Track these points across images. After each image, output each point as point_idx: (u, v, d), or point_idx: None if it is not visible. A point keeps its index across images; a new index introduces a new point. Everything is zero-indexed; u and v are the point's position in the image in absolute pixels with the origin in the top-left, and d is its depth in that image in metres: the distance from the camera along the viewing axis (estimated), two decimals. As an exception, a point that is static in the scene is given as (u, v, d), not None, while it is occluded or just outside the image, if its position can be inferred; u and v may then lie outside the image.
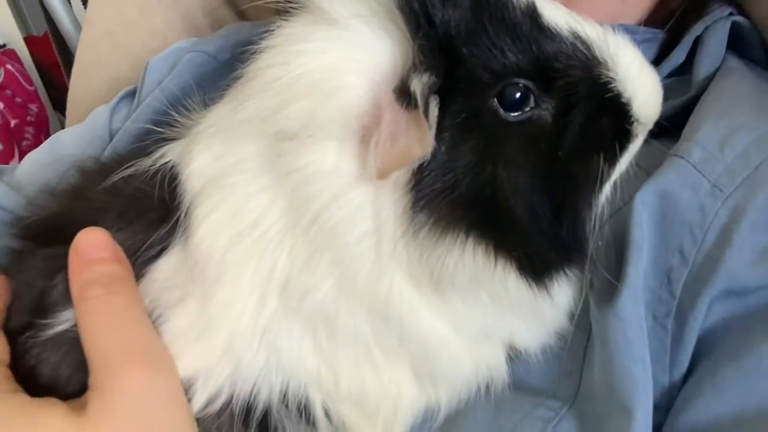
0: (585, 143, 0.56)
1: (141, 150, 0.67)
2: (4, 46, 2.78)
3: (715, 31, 0.77)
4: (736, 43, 0.79)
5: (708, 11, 0.79)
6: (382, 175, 0.52)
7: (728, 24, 0.78)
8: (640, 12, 0.82)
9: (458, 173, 0.53)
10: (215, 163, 0.59)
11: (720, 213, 0.60)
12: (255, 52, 0.58)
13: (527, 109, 0.55)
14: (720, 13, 0.78)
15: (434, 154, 0.53)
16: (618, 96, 0.56)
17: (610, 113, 0.57)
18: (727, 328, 0.60)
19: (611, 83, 0.56)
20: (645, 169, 0.64)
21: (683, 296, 0.60)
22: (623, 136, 0.58)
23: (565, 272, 0.58)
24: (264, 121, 0.55)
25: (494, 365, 0.62)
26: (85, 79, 1.30)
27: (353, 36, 0.54)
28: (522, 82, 0.54)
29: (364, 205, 0.54)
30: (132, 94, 0.99)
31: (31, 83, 2.74)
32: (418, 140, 0.51)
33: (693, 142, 0.63)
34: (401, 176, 0.54)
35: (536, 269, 0.56)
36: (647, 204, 0.61)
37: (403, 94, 0.51)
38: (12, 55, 2.74)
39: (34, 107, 2.74)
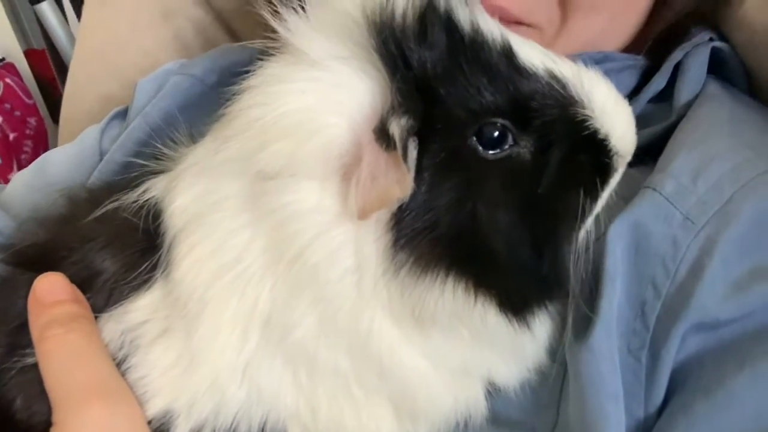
0: (565, 180, 0.56)
1: (128, 181, 0.68)
2: (3, 59, 2.79)
3: (695, 56, 0.78)
4: (719, 68, 0.80)
5: (689, 37, 0.80)
6: (363, 215, 0.53)
7: (708, 49, 0.78)
8: (624, 36, 0.82)
9: (438, 212, 0.54)
10: (198, 201, 0.59)
11: (692, 246, 0.60)
12: (238, 90, 0.58)
13: (506, 147, 0.56)
14: (700, 38, 0.79)
15: (414, 194, 0.53)
16: (595, 132, 0.57)
17: (589, 149, 0.57)
18: (700, 361, 0.60)
19: (587, 121, 0.56)
20: (624, 198, 0.64)
21: (657, 329, 0.60)
22: (603, 171, 0.58)
23: (546, 308, 0.59)
24: (246, 160, 0.56)
25: (473, 400, 0.62)
26: (77, 98, 1.30)
27: (333, 77, 0.55)
28: (500, 121, 0.55)
29: (345, 244, 0.55)
30: (123, 114, 1.00)
31: (30, 96, 2.75)
32: (398, 182, 0.52)
33: (666, 174, 0.64)
34: (382, 215, 0.54)
35: (516, 306, 0.57)
36: (621, 236, 0.62)
37: (383, 135, 0.52)
38: (11, 69, 2.75)
39: (33, 120, 2.75)
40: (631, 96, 0.79)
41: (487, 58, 0.55)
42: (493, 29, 0.56)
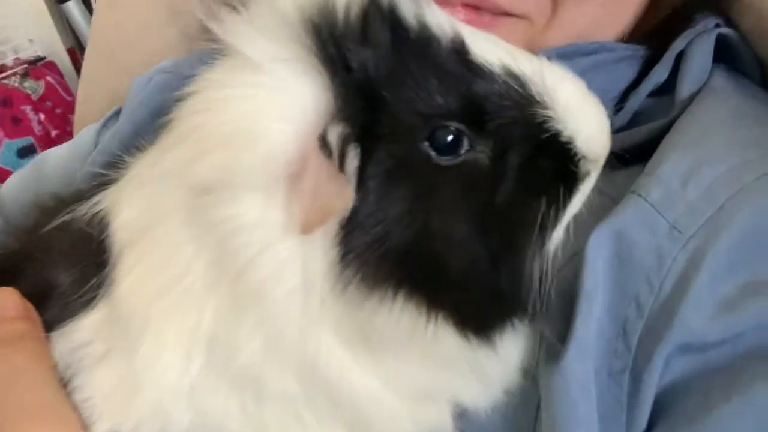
0: (525, 188, 0.52)
1: (90, 190, 0.65)
2: (44, 58, 2.84)
3: (698, 45, 0.72)
4: (730, 57, 0.73)
5: (693, 24, 0.73)
6: (306, 229, 0.49)
7: (713, 37, 0.72)
8: (620, 24, 0.76)
9: (388, 224, 0.50)
10: (141, 214, 0.56)
11: (678, 258, 0.55)
12: (179, 99, 0.55)
13: (461, 152, 0.51)
14: (704, 25, 0.73)
15: (363, 205, 0.49)
16: (556, 135, 0.52)
17: (550, 154, 0.52)
18: (687, 386, 0.55)
19: (547, 122, 0.51)
20: (617, 201, 0.59)
21: (639, 350, 0.55)
22: (569, 177, 0.53)
23: (512, 326, 0.54)
24: (184, 172, 0.52)
25: (438, 425, 0.58)
26: (89, 97, 1.30)
27: (276, 81, 0.51)
28: (453, 124, 0.50)
29: (291, 259, 0.51)
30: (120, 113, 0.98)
31: (71, 94, 2.80)
32: (338, 194, 0.48)
33: (653, 178, 0.58)
34: (330, 228, 0.50)
35: (476, 325, 0.52)
36: (602, 246, 0.57)
37: (325, 143, 0.48)
38: (52, 68, 2.81)
39: (74, 118, 2.78)
40: (631, 89, 0.73)
41: (436, 56, 0.50)
42: (443, 24, 0.51)
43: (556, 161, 0.52)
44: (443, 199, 0.50)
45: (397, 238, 0.50)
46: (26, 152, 2.65)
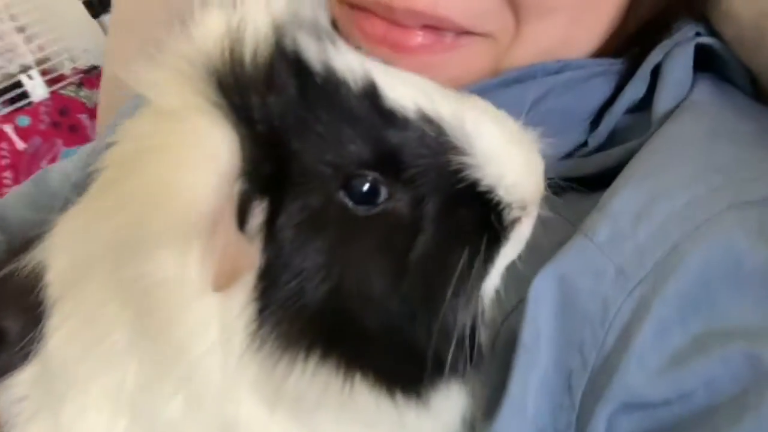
0: (443, 240, 0.49)
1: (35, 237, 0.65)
2: (98, 67, 2.89)
3: (676, 57, 0.67)
4: (717, 64, 0.68)
5: (671, 33, 0.68)
6: (217, 287, 0.47)
7: (691, 47, 0.67)
8: (593, 38, 0.71)
9: (302, 279, 0.48)
10: (69, 269, 0.55)
11: (623, 308, 0.51)
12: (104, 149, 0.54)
13: (379, 201, 0.48)
14: (683, 35, 0.68)
15: (277, 259, 0.47)
16: (475, 183, 0.49)
17: (469, 204, 0.49)
18: None
19: (464, 170, 0.48)
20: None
21: (583, 407, 0.52)
22: (492, 227, 0.50)
23: (442, 383, 0.51)
24: (104, 226, 0.51)
25: None
26: (111, 105, 1.31)
27: (190, 133, 0.49)
28: (368, 173, 0.47)
29: (210, 316, 0.49)
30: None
31: (124, 103, 2.83)
32: (243, 252, 0.46)
33: (603, 215, 0.54)
34: (247, 283, 0.48)
35: (400, 384, 0.49)
36: (545, 292, 0.53)
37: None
38: (102, 77, 2.84)
39: (116, 126, 2.85)
40: (606, 107, 0.68)
41: (345, 101, 0.48)
42: (353, 67, 0.48)
43: (476, 211, 0.49)
44: (360, 252, 0.48)
45: (311, 295, 0.48)
46: (83, 160, 2.71)
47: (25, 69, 2.86)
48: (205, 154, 0.48)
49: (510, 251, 0.51)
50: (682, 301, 0.50)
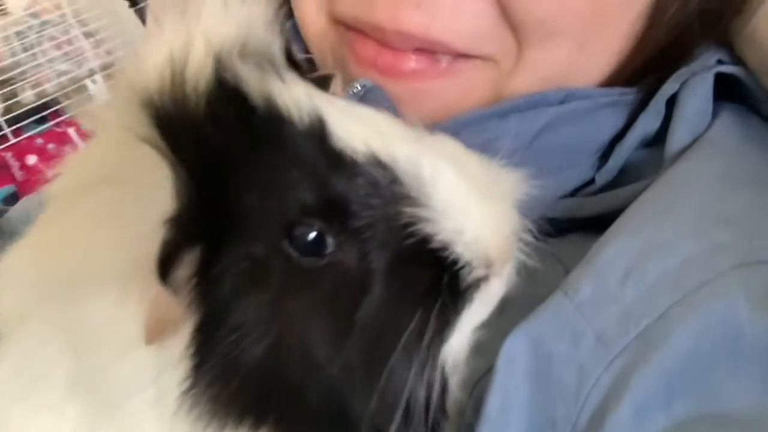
0: (392, 300, 0.43)
1: None
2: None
3: (693, 87, 0.60)
4: (742, 92, 0.61)
5: (691, 60, 0.61)
6: (148, 339, 0.43)
7: (711, 77, 0.60)
8: (605, 65, 0.65)
9: (240, 335, 0.43)
10: (15, 304, 0.51)
11: (601, 381, 0.45)
12: None
13: (326, 253, 0.43)
14: (702, 63, 0.60)
15: (213, 312, 0.43)
16: (426, 239, 0.43)
17: (423, 261, 0.44)
18: None
19: (416, 223, 0.43)
20: None
21: None
22: (451, 288, 0.44)
23: None
24: (48, 263, 0.48)
25: None
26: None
27: (130, 166, 0.45)
28: (313, 222, 0.43)
29: (146, 368, 0.45)
30: None
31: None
32: (169, 305, 0.42)
33: (588, 270, 0.48)
34: (184, 336, 0.44)
35: None
36: (518, 355, 0.47)
37: None
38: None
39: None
40: (616, 141, 0.62)
41: (289, 141, 0.43)
42: (300, 101, 0.43)
43: (429, 270, 0.44)
44: (302, 308, 0.43)
45: (248, 353, 0.43)
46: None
47: (91, 73, 2.91)
48: (137, 196, 0.44)
49: (475, 314, 0.45)
50: (667, 378, 0.43)
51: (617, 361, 0.44)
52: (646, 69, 0.63)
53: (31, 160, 2.72)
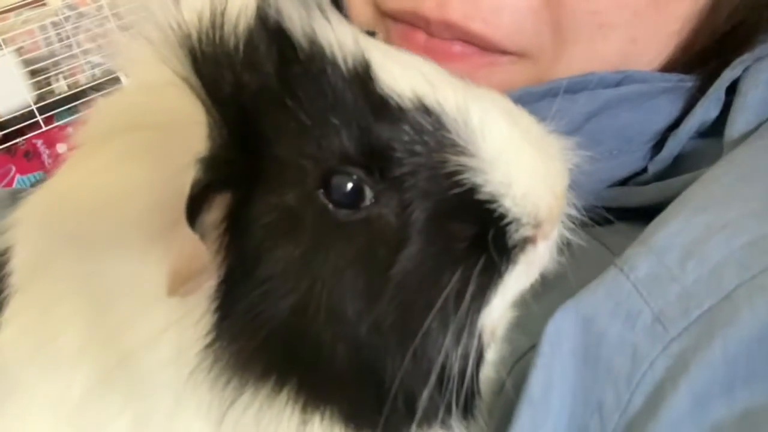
0: (432, 258, 0.40)
1: None
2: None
3: (757, 73, 0.56)
4: None
5: (753, 47, 0.57)
6: (171, 291, 0.41)
7: None
8: (658, 54, 0.61)
9: (267, 290, 0.40)
10: (30, 259, 0.49)
11: (657, 364, 0.41)
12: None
13: (363, 205, 0.40)
14: (765, 49, 0.56)
15: (239, 264, 0.40)
16: (474, 189, 0.40)
17: (467, 214, 0.40)
18: None
19: (462, 172, 0.39)
20: None
21: None
22: (496, 245, 0.41)
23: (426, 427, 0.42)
24: (67, 214, 0.46)
25: None
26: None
27: (161, 109, 0.43)
28: (352, 171, 0.40)
29: (167, 326, 0.42)
30: None
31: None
32: (195, 253, 0.39)
33: (645, 247, 0.44)
34: (208, 290, 0.41)
35: (371, 428, 0.41)
36: (566, 334, 0.43)
37: None
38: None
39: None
40: (672, 129, 0.58)
41: (331, 84, 0.40)
42: (345, 42, 0.40)
43: (474, 224, 0.40)
44: (334, 263, 0.40)
45: (274, 308, 0.40)
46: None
47: (126, 66, 2.91)
48: (168, 138, 0.42)
49: (519, 278, 0.42)
50: (731, 365, 0.39)
51: (675, 344, 0.41)
52: (703, 56, 0.60)
53: (62, 148, 2.72)
